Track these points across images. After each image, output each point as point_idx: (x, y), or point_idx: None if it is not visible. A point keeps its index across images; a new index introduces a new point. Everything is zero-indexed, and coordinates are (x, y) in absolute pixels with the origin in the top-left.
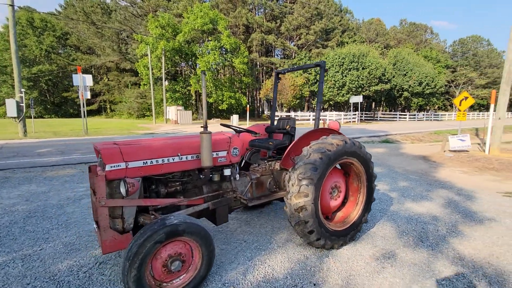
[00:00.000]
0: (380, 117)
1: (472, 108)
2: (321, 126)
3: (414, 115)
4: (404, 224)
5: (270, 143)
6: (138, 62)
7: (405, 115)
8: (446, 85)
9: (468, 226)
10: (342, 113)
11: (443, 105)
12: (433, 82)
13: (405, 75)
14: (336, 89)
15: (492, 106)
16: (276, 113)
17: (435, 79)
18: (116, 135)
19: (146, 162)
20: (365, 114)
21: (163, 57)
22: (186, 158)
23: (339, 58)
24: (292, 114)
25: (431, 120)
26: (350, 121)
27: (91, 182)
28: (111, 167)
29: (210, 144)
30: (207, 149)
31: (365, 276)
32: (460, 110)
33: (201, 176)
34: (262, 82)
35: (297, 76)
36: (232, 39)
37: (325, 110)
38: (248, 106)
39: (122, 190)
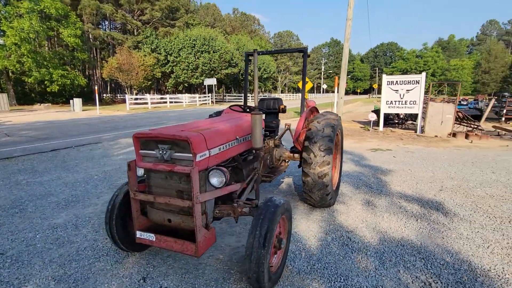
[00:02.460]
0: (228, 99)
1: (290, 90)
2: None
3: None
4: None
5: (274, 122)
6: None
7: (249, 96)
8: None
9: (370, 169)
10: (196, 95)
11: (273, 88)
12: (269, 68)
13: None
14: (190, 71)
15: (336, 88)
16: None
17: (270, 65)
18: None
19: (220, 148)
20: (215, 96)
21: None
22: (240, 141)
23: (190, 40)
24: (148, 96)
25: None
26: (207, 103)
27: (132, 182)
28: (200, 157)
29: (261, 125)
30: (259, 130)
31: (368, 216)
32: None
33: (249, 157)
34: (104, 60)
35: (146, 56)
36: (57, 3)
37: (179, 92)
38: (96, 88)
39: (217, 180)
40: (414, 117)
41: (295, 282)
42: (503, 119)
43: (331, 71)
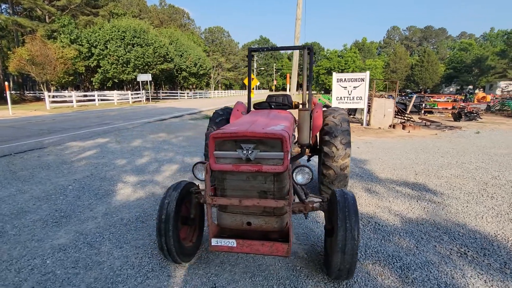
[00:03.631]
0: (162, 96)
1: (222, 87)
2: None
3: (196, 93)
4: None
5: None
6: None
7: (184, 93)
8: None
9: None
10: (128, 92)
11: (206, 84)
12: (205, 64)
13: (181, 55)
14: (121, 65)
15: (288, 86)
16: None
17: (205, 61)
18: None
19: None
20: (150, 93)
21: None
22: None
23: (118, 32)
24: (73, 93)
25: (204, 97)
26: (141, 101)
27: (208, 186)
28: (289, 154)
29: (309, 121)
30: (307, 126)
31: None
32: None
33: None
34: (9, 50)
35: (65, 47)
36: None
37: (108, 88)
38: (7, 84)
39: (302, 177)
40: (353, 111)
41: (362, 268)
42: (423, 111)
43: (262, 68)
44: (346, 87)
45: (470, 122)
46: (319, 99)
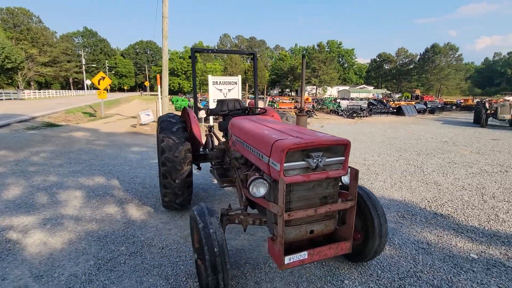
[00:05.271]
0: None
1: (35, 85)
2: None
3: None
4: None
5: None
6: None
7: None
8: None
9: None
10: None
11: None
12: (13, 56)
13: None
14: None
15: (159, 87)
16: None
17: (13, 51)
18: None
19: None
20: None
21: None
22: None
23: None
24: None
25: (14, 99)
26: None
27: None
28: None
29: (306, 126)
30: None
31: None
32: (99, 89)
33: None
34: None
35: None
36: None
37: None
38: None
39: (347, 178)
40: None
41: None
42: None
43: (93, 65)
44: (221, 90)
45: (308, 118)
46: (174, 102)
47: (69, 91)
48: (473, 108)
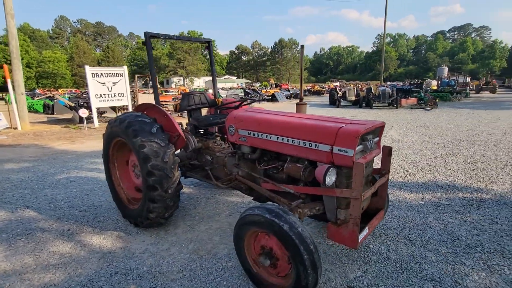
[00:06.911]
0: None
1: None
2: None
3: None
4: None
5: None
6: None
7: None
8: None
9: None
10: None
11: None
12: None
13: None
14: None
15: (9, 81)
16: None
17: None
18: None
19: None
20: None
21: None
22: None
23: None
24: None
25: None
26: None
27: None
28: None
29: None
30: None
31: None
32: None
33: None
34: None
35: None
36: None
37: None
38: None
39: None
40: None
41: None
42: None
43: None
44: (104, 83)
45: None
46: (60, 100)
47: None
48: (320, 92)
